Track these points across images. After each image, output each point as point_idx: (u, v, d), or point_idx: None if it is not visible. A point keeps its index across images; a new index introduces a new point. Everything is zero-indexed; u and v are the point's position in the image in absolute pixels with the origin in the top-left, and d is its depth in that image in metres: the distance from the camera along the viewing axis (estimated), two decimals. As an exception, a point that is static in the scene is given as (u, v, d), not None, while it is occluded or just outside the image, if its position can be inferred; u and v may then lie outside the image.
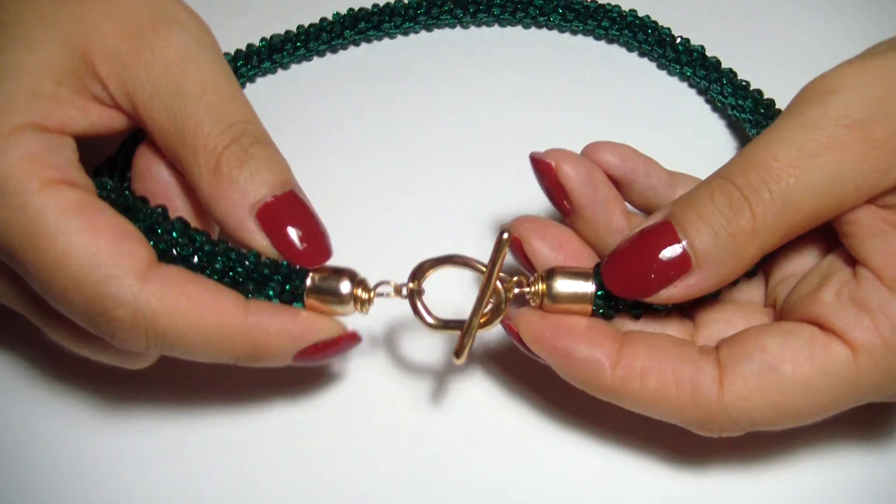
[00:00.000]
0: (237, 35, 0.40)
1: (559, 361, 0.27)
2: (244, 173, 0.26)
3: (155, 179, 0.29)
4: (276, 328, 0.27)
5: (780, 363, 0.25)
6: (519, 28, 0.42)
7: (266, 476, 0.30)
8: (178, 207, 0.29)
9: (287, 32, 0.40)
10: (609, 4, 0.41)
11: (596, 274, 0.27)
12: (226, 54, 0.39)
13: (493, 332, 0.32)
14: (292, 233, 0.27)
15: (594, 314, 0.28)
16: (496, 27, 0.42)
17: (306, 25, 0.40)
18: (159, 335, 0.26)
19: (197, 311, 0.26)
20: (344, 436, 0.31)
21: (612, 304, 0.27)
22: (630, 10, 0.41)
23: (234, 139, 0.27)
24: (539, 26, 0.42)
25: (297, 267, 0.27)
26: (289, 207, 0.27)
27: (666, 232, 0.26)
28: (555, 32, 0.42)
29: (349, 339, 0.28)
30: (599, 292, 0.27)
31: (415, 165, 0.38)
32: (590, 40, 0.42)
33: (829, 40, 0.42)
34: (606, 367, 0.26)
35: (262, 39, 0.40)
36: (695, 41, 0.40)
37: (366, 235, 0.36)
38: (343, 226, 0.35)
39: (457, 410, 0.32)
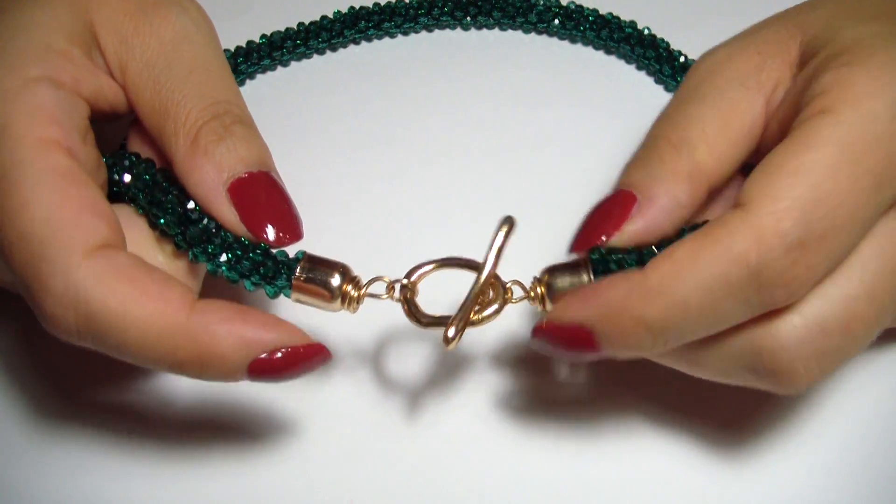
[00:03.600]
0: (238, 31, 0.40)
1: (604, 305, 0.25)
2: (221, 147, 0.26)
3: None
4: (224, 330, 0.24)
5: (773, 154, 0.25)
6: (519, 33, 0.42)
7: (264, 479, 0.31)
8: None
9: (287, 30, 0.40)
10: (609, 14, 0.41)
11: (588, 261, 0.27)
12: (226, 50, 0.39)
13: (491, 339, 0.33)
14: (263, 210, 0.27)
15: None
16: (496, 31, 0.42)
17: (307, 23, 0.40)
18: (90, 317, 0.24)
19: (136, 298, 0.24)
20: (335, 443, 0.31)
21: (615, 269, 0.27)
22: (630, 21, 0.41)
23: (216, 116, 0.27)
24: (539, 32, 0.42)
25: (288, 256, 0.27)
26: (262, 186, 0.27)
27: (621, 195, 0.27)
28: (554, 39, 0.42)
29: (315, 354, 0.26)
30: (597, 275, 0.27)
31: (412, 164, 0.38)
32: (588, 49, 0.42)
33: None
34: (632, 271, 0.25)
35: (263, 36, 0.40)
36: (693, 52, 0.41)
37: (360, 234, 0.36)
38: (337, 223, 0.37)
39: (448, 420, 0.32)
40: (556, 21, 0.41)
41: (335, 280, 0.26)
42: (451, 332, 0.25)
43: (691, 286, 0.23)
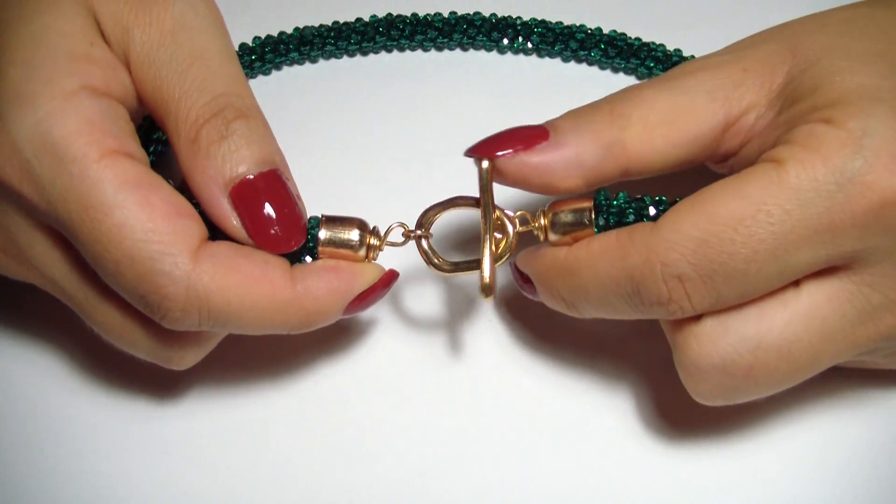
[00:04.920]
0: (272, 22, 0.40)
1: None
2: (222, 149, 0.26)
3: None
4: (324, 290, 0.27)
5: (711, 187, 0.25)
6: (557, 61, 0.40)
7: (264, 471, 0.31)
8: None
9: (321, 26, 0.40)
10: (653, 44, 0.39)
11: (595, 200, 0.28)
12: (255, 38, 0.40)
13: (492, 339, 0.33)
14: (265, 216, 0.26)
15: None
16: (534, 57, 0.41)
17: (341, 23, 0.40)
18: (213, 312, 0.26)
19: (248, 287, 0.26)
20: (344, 427, 0.31)
21: (612, 221, 0.27)
22: (675, 50, 0.38)
23: (217, 112, 0.26)
24: (579, 61, 0.40)
25: (309, 219, 0.28)
26: (266, 188, 0.26)
27: (538, 129, 0.28)
28: (595, 69, 0.40)
29: (389, 278, 0.29)
30: (598, 219, 0.27)
31: (420, 181, 0.37)
32: (632, 80, 0.39)
33: None
34: (566, 246, 0.27)
35: (296, 29, 0.40)
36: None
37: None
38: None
39: (449, 419, 0.32)
40: (598, 50, 0.39)
41: (355, 235, 0.28)
42: (487, 277, 0.27)
43: (590, 278, 0.26)
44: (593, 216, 0.27)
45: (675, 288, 0.24)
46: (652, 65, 0.38)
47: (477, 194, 0.28)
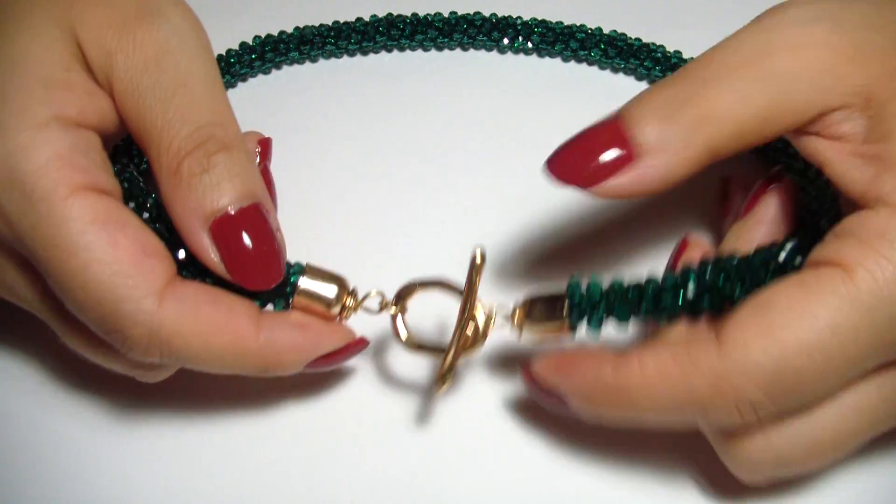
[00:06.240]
0: (271, 21, 0.40)
1: (567, 381, 0.27)
2: (203, 182, 0.25)
3: None
4: (287, 345, 0.27)
5: (773, 295, 0.24)
6: (557, 61, 0.41)
7: (265, 481, 0.30)
8: None
9: (321, 26, 0.40)
10: (653, 44, 0.39)
11: (569, 294, 0.27)
12: (255, 37, 0.40)
13: (494, 340, 0.31)
14: (243, 252, 0.26)
15: (571, 329, 0.27)
16: (534, 57, 0.41)
17: (341, 22, 0.40)
18: (174, 354, 0.26)
19: (211, 334, 0.26)
20: (338, 442, 0.30)
21: (592, 317, 0.27)
22: (676, 52, 0.39)
23: (199, 144, 0.26)
24: (579, 60, 0.40)
25: (293, 265, 0.28)
26: (246, 223, 0.26)
27: (613, 126, 0.26)
28: (594, 69, 0.40)
29: (357, 345, 0.29)
30: (574, 310, 0.27)
31: (421, 180, 0.37)
32: (631, 80, 0.40)
33: None
34: (609, 361, 0.25)
35: (296, 28, 0.40)
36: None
37: (359, 240, 0.35)
38: (335, 228, 0.35)
39: (450, 419, 0.31)
40: (598, 50, 0.39)
41: (332, 292, 0.28)
42: (445, 370, 0.27)
43: (648, 403, 0.25)
44: (566, 310, 0.27)
45: (746, 411, 0.24)
46: (650, 65, 0.39)
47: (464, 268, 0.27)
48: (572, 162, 0.26)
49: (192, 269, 0.27)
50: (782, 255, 0.26)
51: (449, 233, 0.35)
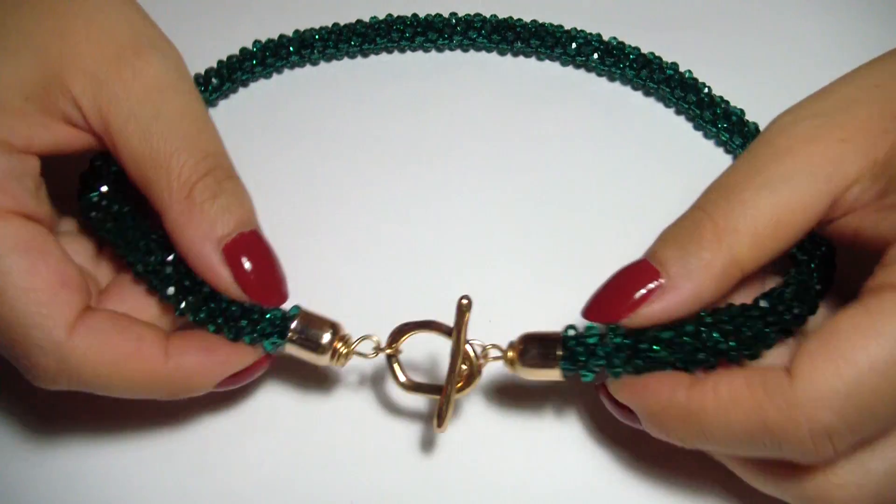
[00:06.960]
0: (271, 26, 0.40)
1: (644, 401, 0.27)
2: (216, 206, 0.27)
3: None
4: (195, 368, 0.28)
5: (838, 324, 0.24)
6: (556, 64, 0.41)
7: (265, 479, 0.30)
8: None
9: (321, 28, 0.40)
10: (651, 54, 0.39)
11: (564, 339, 0.28)
12: (255, 42, 0.40)
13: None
14: (254, 272, 0.27)
15: (564, 374, 0.28)
16: (533, 59, 0.41)
17: (341, 24, 0.40)
18: (83, 382, 0.27)
19: (119, 362, 0.26)
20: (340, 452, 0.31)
21: (582, 362, 0.27)
22: (672, 63, 0.39)
23: (209, 171, 0.27)
24: (577, 66, 0.41)
25: (287, 311, 0.28)
26: (252, 247, 0.27)
27: (640, 266, 0.27)
28: (592, 75, 0.41)
29: (262, 364, 0.29)
30: (565, 354, 0.27)
31: (421, 180, 0.37)
32: (626, 89, 0.40)
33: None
34: (684, 383, 0.26)
35: (296, 32, 0.40)
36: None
37: (360, 241, 0.35)
38: (336, 227, 0.36)
39: (450, 421, 0.31)
40: (595, 56, 0.40)
41: (326, 338, 0.28)
42: (443, 411, 0.28)
43: (719, 429, 0.25)
44: (560, 355, 0.28)
45: (822, 442, 0.24)
46: (646, 74, 0.39)
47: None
48: (606, 304, 0.27)
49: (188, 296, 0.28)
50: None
51: (449, 232, 0.36)
